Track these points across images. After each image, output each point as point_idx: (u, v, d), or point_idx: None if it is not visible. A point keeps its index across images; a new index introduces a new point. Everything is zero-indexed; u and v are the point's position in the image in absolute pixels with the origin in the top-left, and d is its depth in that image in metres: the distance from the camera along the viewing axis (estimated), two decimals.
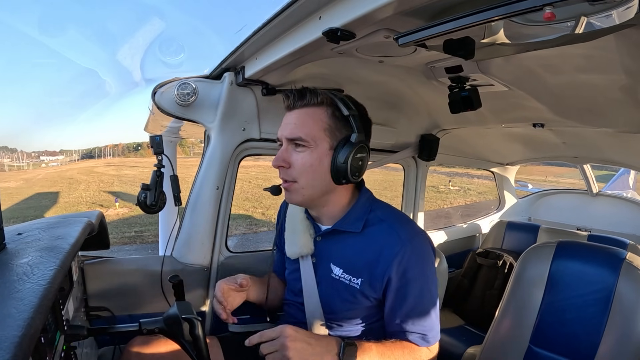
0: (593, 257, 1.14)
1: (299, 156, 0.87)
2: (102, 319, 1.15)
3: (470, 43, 0.67)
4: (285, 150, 0.89)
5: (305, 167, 0.87)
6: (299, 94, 0.88)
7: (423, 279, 0.88)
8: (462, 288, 2.24)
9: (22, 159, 29.15)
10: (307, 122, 0.87)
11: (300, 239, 0.98)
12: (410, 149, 1.78)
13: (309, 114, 0.87)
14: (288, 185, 0.90)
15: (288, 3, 0.72)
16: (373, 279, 0.88)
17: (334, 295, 0.93)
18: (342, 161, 0.85)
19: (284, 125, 0.90)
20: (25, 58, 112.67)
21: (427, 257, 0.90)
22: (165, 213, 1.43)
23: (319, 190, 0.90)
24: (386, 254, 0.86)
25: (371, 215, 0.93)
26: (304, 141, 0.86)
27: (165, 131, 2.46)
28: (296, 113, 0.88)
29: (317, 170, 0.87)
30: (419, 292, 0.87)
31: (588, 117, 1.30)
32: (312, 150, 0.86)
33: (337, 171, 0.86)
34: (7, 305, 0.50)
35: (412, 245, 0.87)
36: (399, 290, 0.87)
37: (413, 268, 0.86)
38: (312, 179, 0.88)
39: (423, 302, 0.87)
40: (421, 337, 0.88)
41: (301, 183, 0.88)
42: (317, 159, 0.87)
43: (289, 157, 0.88)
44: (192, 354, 0.79)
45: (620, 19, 0.51)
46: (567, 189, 3.32)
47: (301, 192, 0.89)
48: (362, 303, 0.90)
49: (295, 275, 1.01)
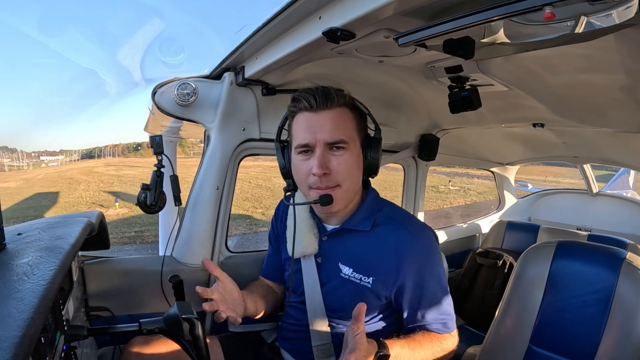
0: (593, 257, 1.14)
1: (341, 159, 0.84)
2: (102, 319, 1.15)
3: (470, 43, 0.67)
4: (322, 155, 0.84)
5: (349, 169, 0.86)
6: (325, 93, 0.85)
7: (436, 271, 0.91)
8: (462, 288, 2.24)
9: (22, 159, 29.17)
10: (343, 123, 0.85)
11: (305, 238, 0.97)
12: (410, 149, 1.78)
13: (341, 114, 0.86)
14: (334, 193, 0.85)
15: (288, 3, 0.72)
16: (386, 277, 0.89)
17: (343, 294, 0.93)
18: (375, 157, 0.88)
19: (317, 128, 0.84)
20: (25, 58, 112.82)
21: (436, 249, 0.93)
22: (165, 213, 1.43)
23: (355, 190, 0.91)
24: (400, 250, 0.88)
25: (379, 213, 0.94)
26: (344, 143, 0.84)
27: (165, 131, 2.46)
28: (328, 114, 0.85)
29: (357, 169, 0.88)
30: (435, 283, 0.90)
31: (588, 117, 1.30)
32: (350, 151, 0.85)
33: (369, 168, 0.89)
34: (7, 305, 0.50)
35: (423, 240, 0.90)
36: (417, 286, 0.88)
37: (427, 262, 0.89)
38: (353, 180, 0.88)
39: (440, 292, 0.91)
40: (443, 325, 0.91)
41: (345, 186, 0.86)
42: (356, 159, 0.87)
43: (329, 162, 0.84)
44: (192, 354, 0.79)
45: (620, 18, 0.51)
46: (567, 189, 3.32)
47: (345, 196, 0.87)
48: (372, 302, 0.91)
49: (297, 276, 1.01)
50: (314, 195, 0.87)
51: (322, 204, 0.86)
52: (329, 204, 0.85)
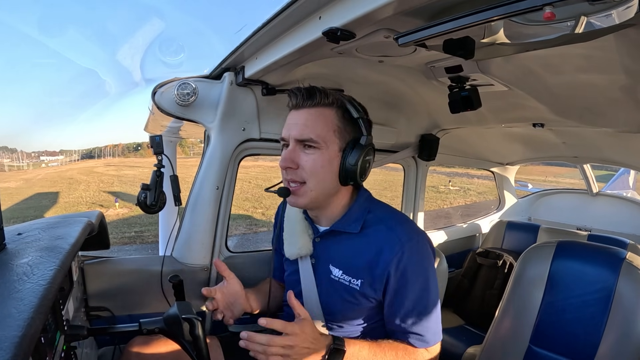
0: (593, 257, 1.14)
1: (309, 157, 0.85)
2: (102, 319, 1.15)
3: (470, 43, 0.67)
4: (293, 150, 0.86)
5: (316, 168, 0.85)
6: (308, 93, 0.86)
7: (422, 280, 0.87)
8: (462, 288, 2.24)
9: (22, 159, 29.16)
10: (317, 123, 0.85)
11: (299, 240, 0.98)
12: (410, 149, 1.78)
13: (320, 114, 0.86)
14: (296, 188, 0.87)
15: (288, 3, 0.72)
16: (373, 280, 0.87)
17: (334, 296, 0.93)
18: (353, 163, 0.86)
19: (291, 125, 0.87)
20: (25, 58, 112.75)
21: (427, 257, 0.90)
22: (165, 213, 1.43)
23: (326, 191, 0.89)
24: (386, 254, 0.86)
25: (370, 215, 0.92)
26: (314, 142, 0.84)
27: (165, 131, 2.46)
28: (305, 113, 0.86)
29: (327, 171, 0.86)
30: (418, 292, 0.87)
31: (588, 117, 1.30)
32: (322, 152, 0.85)
33: (346, 173, 0.87)
34: (7, 305, 0.50)
35: (411, 246, 0.86)
36: (398, 291, 0.86)
37: (412, 268, 0.86)
38: (321, 181, 0.87)
39: (422, 303, 0.87)
40: (419, 338, 0.88)
41: (310, 185, 0.87)
42: (327, 161, 0.86)
43: (297, 157, 0.86)
44: (192, 354, 0.79)
45: (620, 18, 0.51)
46: (567, 189, 3.33)
47: (309, 194, 0.87)
48: (363, 304, 0.90)
49: (295, 277, 1.01)
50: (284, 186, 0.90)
51: (278, 195, 0.89)
52: (286, 196, 0.89)
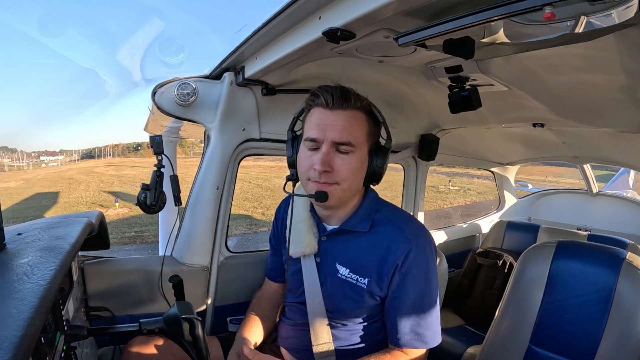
0: (593, 257, 1.14)
1: (345, 160, 0.86)
2: (102, 319, 1.15)
3: (470, 43, 0.67)
4: (327, 153, 0.85)
5: (352, 171, 0.86)
6: (343, 94, 0.85)
7: (425, 279, 0.89)
8: (462, 288, 2.24)
9: (22, 159, 29.11)
10: (354, 126, 0.86)
11: (304, 238, 0.98)
12: (410, 149, 1.78)
13: (355, 117, 0.87)
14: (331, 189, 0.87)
15: (288, 3, 0.72)
16: (380, 278, 0.89)
17: (339, 295, 0.93)
18: (381, 166, 0.89)
19: (327, 126, 0.85)
20: (25, 58, 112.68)
21: (431, 256, 0.91)
22: (165, 213, 1.43)
23: (352, 192, 0.91)
24: (394, 252, 0.88)
25: (377, 215, 0.94)
26: (351, 146, 0.85)
27: (165, 131, 2.46)
28: (341, 115, 0.86)
29: (359, 174, 0.89)
30: (419, 290, 0.88)
31: (588, 117, 1.30)
32: (356, 155, 0.86)
33: (373, 175, 0.90)
34: (7, 305, 0.50)
35: (418, 244, 0.88)
36: (400, 287, 0.88)
37: (417, 267, 0.88)
38: (353, 183, 0.88)
39: (422, 302, 0.88)
40: (418, 337, 0.88)
41: (343, 186, 0.87)
42: (359, 164, 0.88)
43: (332, 161, 0.85)
44: (192, 354, 0.79)
45: (620, 18, 0.51)
46: (567, 189, 3.32)
47: (340, 194, 0.88)
48: (368, 302, 0.91)
49: (298, 276, 1.01)
50: (312, 188, 0.88)
51: (316, 200, 0.86)
52: (323, 201, 0.87)
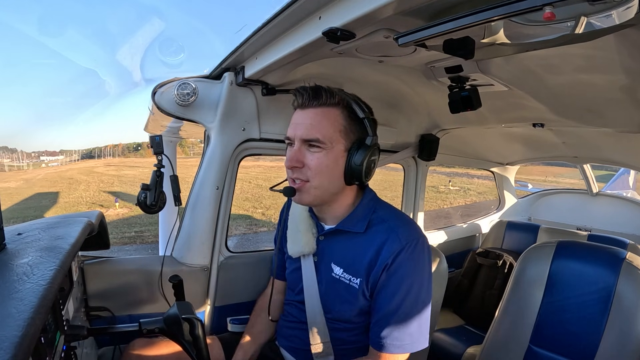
0: (593, 257, 1.14)
1: (314, 157, 0.86)
2: (102, 319, 1.15)
3: (470, 43, 0.67)
4: (298, 150, 0.87)
5: (321, 168, 0.86)
6: (314, 92, 0.86)
7: (412, 283, 0.86)
8: (462, 288, 2.24)
9: (22, 159, 29.08)
10: (323, 123, 0.85)
11: (303, 237, 0.98)
12: (410, 149, 1.78)
13: (325, 114, 0.86)
14: (300, 185, 0.88)
15: (288, 3, 0.72)
16: (371, 278, 0.88)
17: (333, 294, 0.94)
18: (358, 163, 0.86)
19: (297, 125, 0.87)
20: (25, 58, 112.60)
21: (423, 263, 0.88)
22: (165, 213, 1.43)
23: (330, 190, 0.90)
24: (384, 252, 0.86)
25: (374, 215, 0.93)
26: (320, 142, 0.85)
27: (165, 131, 2.46)
28: (311, 112, 0.86)
29: (332, 171, 0.87)
30: (403, 294, 0.85)
31: (588, 117, 1.30)
32: (327, 152, 0.86)
33: (351, 173, 0.87)
34: (7, 305, 0.50)
35: (409, 248, 0.86)
36: (384, 287, 0.86)
37: (405, 269, 0.85)
38: (325, 180, 0.87)
39: (405, 306, 0.85)
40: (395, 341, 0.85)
41: (314, 183, 0.87)
42: (332, 161, 0.86)
43: (302, 157, 0.86)
44: (192, 354, 0.79)
45: (620, 19, 0.51)
46: (567, 189, 3.32)
47: (313, 192, 0.88)
48: (361, 303, 0.90)
49: (297, 274, 1.01)
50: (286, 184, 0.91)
51: (285, 195, 0.90)
52: (291, 196, 0.90)
